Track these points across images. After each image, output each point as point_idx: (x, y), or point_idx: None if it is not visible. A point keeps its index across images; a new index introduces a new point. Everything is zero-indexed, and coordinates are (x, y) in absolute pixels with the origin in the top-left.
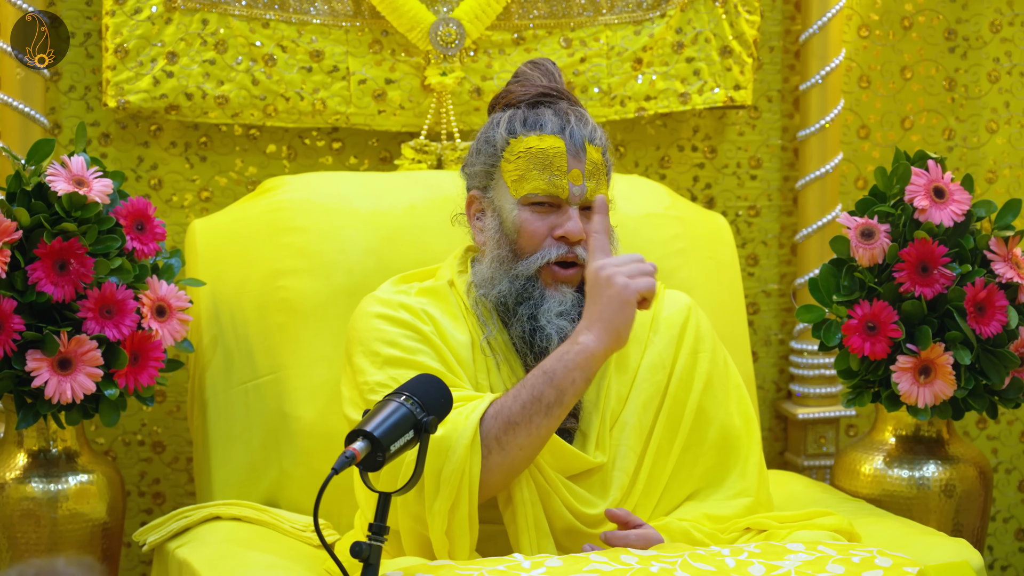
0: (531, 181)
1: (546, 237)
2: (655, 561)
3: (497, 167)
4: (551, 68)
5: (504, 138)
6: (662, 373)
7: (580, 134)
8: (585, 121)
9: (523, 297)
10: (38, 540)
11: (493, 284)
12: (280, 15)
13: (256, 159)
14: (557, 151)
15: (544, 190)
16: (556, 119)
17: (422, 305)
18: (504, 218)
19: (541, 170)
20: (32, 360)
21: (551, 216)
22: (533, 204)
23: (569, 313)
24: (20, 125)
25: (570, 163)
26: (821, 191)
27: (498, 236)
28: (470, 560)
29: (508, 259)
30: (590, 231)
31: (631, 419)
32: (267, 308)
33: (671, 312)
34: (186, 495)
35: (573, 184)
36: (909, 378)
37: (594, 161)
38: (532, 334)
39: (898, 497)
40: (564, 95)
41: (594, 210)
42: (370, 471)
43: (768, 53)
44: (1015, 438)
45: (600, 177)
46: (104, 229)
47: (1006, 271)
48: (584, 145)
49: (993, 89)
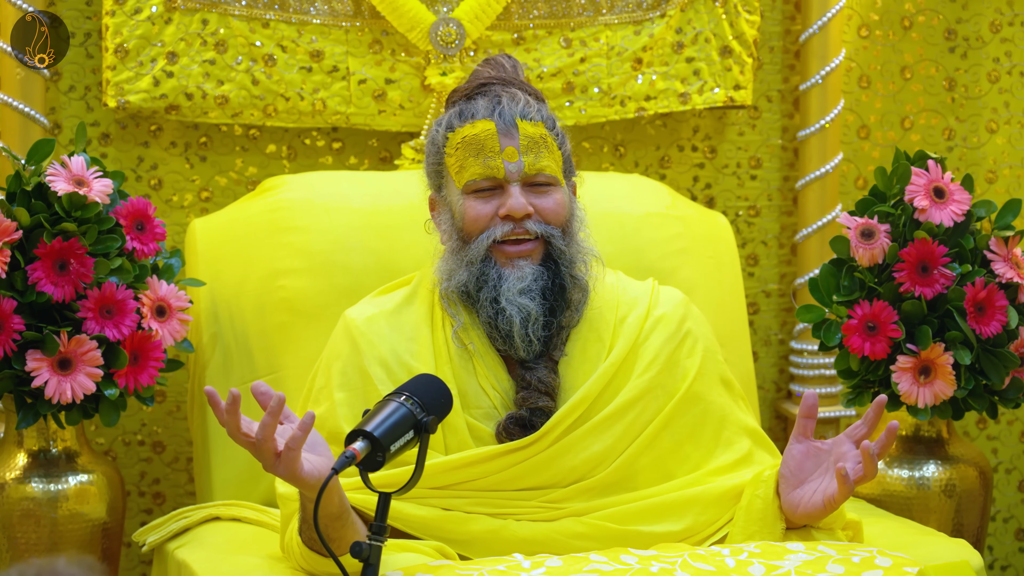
0: (468, 168)
1: (492, 218)
2: (655, 561)
3: (443, 164)
4: (502, 60)
5: (444, 135)
6: (657, 368)
7: (510, 112)
8: (517, 99)
9: (481, 282)
10: (38, 540)
11: (451, 275)
12: (280, 15)
13: (256, 159)
14: (488, 133)
15: (480, 173)
16: (487, 103)
17: (381, 322)
18: (454, 211)
19: (476, 155)
20: (32, 360)
21: (495, 199)
22: (476, 191)
23: (531, 289)
24: (20, 125)
25: (502, 142)
26: (821, 191)
27: (450, 229)
28: (470, 560)
29: (459, 248)
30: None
31: (616, 413)
32: (267, 308)
33: (667, 309)
34: (186, 495)
35: (508, 162)
36: (909, 378)
37: (530, 135)
38: (496, 318)
39: (898, 497)
40: (505, 81)
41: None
42: (370, 471)
43: (768, 53)
44: (1015, 438)
45: (539, 151)
46: (104, 229)
47: (1006, 271)
48: (515, 121)
49: (993, 89)
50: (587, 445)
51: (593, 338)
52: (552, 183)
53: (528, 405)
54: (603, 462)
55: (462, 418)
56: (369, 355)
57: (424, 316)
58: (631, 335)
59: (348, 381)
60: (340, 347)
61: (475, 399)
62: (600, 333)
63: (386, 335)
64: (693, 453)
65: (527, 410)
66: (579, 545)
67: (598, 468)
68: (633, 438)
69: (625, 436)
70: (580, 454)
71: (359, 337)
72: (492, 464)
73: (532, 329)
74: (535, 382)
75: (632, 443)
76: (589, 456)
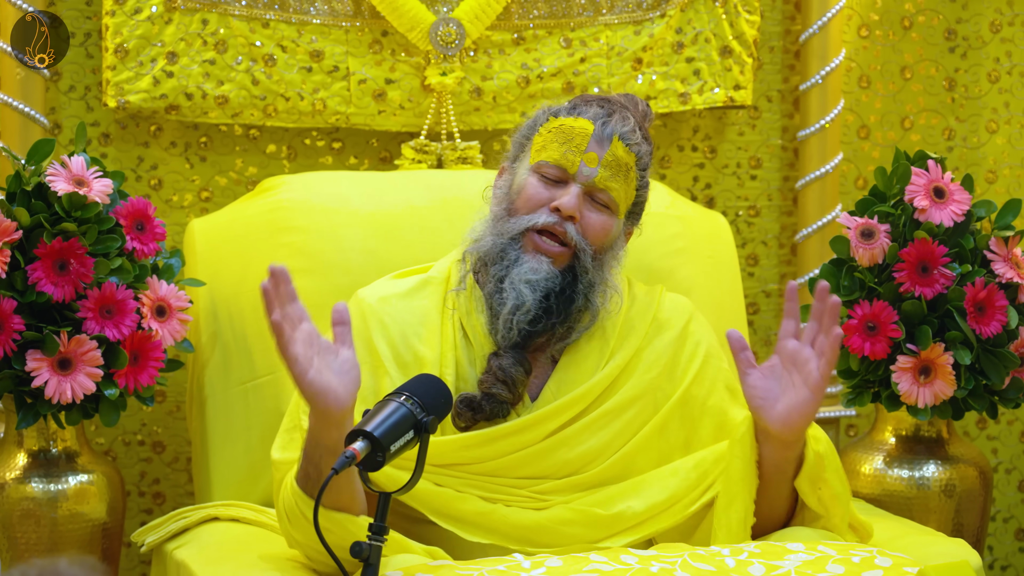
0: (548, 150)
1: (543, 205)
2: (655, 561)
3: (530, 140)
4: (638, 100)
5: (546, 116)
6: (657, 370)
7: (613, 127)
8: (627, 122)
9: (499, 256)
10: (38, 540)
11: (480, 240)
12: (280, 15)
13: (256, 159)
14: (583, 130)
15: (555, 160)
16: (599, 111)
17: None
18: (515, 180)
19: (561, 143)
20: (32, 360)
21: (555, 189)
22: (543, 173)
23: (538, 285)
24: (20, 125)
25: (590, 144)
26: (821, 191)
27: (503, 196)
28: (470, 560)
29: (503, 217)
30: None
31: (614, 411)
32: None
33: (672, 313)
34: (186, 495)
35: (585, 164)
36: (909, 378)
37: (617, 156)
38: (493, 294)
39: (898, 497)
40: (628, 108)
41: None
42: (370, 471)
43: (768, 53)
44: (1015, 438)
45: (617, 173)
46: (104, 229)
47: (1006, 271)
48: (612, 137)
49: (993, 89)
50: (583, 440)
51: (595, 347)
52: (611, 206)
53: (483, 389)
54: (597, 458)
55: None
56: (378, 332)
57: (436, 303)
58: (635, 342)
59: (355, 354)
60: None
61: (473, 386)
62: (604, 342)
63: (396, 316)
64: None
65: (482, 394)
66: (569, 532)
67: (592, 464)
68: (629, 437)
69: (621, 434)
70: (576, 448)
71: (370, 315)
72: (482, 450)
73: (518, 317)
74: (496, 368)
75: (628, 442)
76: (584, 451)
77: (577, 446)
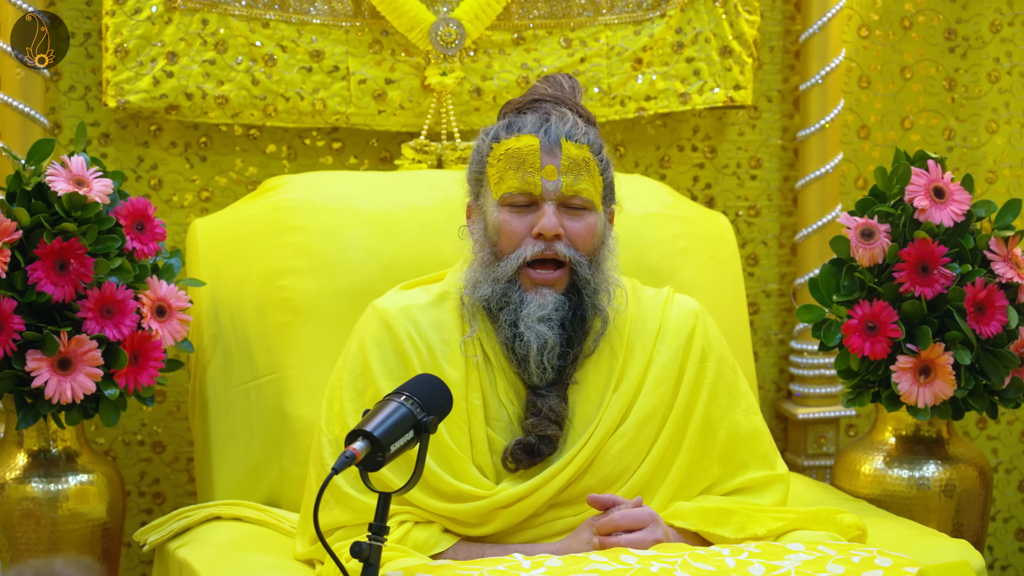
0: (507, 181)
1: (525, 236)
2: (655, 561)
3: (484, 173)
4: (561, 79)
5: (489, 144)
6: (666, 385)
7: (556, 131)
8: (565, 119)
9: (504, 302)
10: (38, 540)
11: (476, 288)
12: (280, 15)
13: (256, 159)
14: (531, 148)
15: (517, 187)
16: (535, 119)
17: (415, 315)
18: (488, 221)
19: (516, 169)
20: (32, 360)
21: (529, 215)
22: (511, 204)
23: (551, 318)
24: (20, 125)
25: (543, 159)
26: (821, 191)
27: (482, 239)
28: (470, 560)
29: (490, 261)
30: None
31: (630, 432)
32: (268, 308)
33: (679, 320)
34: (186, 495)
35: (546, 180)
36: (909, 378)
37: (572, 156)
38: (512, 340)
39: (898, 497)
40: (559, 99)
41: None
42: (370, 471)
43: (768, 53)
44: (1015, 438)
45: (580, 173)
46: (104, 229)
47: (1006, 271)
48: (559, 141)
49: (993, 89)
50: (601, 466)
51: (604, 364)
52: (587, 207)
53: (537, 432)
54: (618, 480)
55: (484, 431)
56: (407, 342)
57: (456, 321)
58: (643, 356)
59: (389, 370)
60: (375, 335)
61: (495, 412)
62: (612, 355)
63: (421, 329)
64: (706, 476)
65: (535, 437)
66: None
67: (612, 487)
68: (643, 456)
69: (637, 456)
70: (595, 475)
71: (395, 324)
72: (514, 509)
73: (548, 357)
74: (546, 410)
75: (643, 461)
76: (604, 476)
77: (597, 472)
